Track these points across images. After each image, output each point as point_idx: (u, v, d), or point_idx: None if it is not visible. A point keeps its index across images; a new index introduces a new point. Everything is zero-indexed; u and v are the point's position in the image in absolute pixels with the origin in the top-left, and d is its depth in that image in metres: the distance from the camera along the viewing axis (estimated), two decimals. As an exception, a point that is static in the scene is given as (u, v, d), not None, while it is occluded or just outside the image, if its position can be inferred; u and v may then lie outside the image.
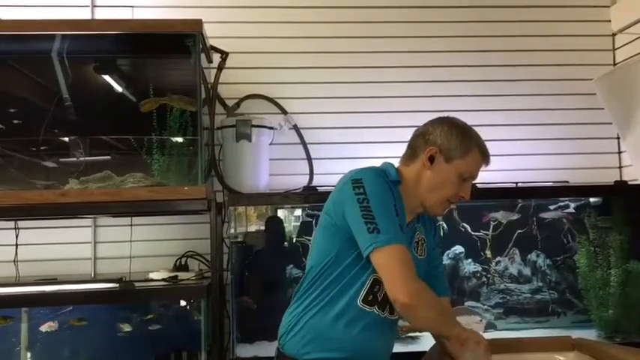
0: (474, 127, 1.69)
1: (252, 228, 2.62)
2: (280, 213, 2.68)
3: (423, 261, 1.68)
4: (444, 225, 2.66)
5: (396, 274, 1.45)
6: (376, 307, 1.57)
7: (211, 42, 2.60)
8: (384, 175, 1.60)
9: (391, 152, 2.77)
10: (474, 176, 1.66)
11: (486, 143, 1.66)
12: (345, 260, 1.56)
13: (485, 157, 1.65)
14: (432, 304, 1.49)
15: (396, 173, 1.64)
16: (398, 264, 1.45)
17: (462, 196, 1.64)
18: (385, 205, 1.50)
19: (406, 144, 2.76)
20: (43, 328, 2.42)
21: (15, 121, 2.55)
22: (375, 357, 1.63)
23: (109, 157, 2.50)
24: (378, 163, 2.69)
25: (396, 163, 1.73)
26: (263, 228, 2.62)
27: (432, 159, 1.62)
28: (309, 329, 1.58)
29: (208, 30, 2.49)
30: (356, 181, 1.54)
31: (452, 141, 1.62)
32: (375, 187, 1.53)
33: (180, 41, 2.34)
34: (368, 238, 1.47)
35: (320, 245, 1.62)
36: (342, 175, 1.65)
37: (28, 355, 2.47)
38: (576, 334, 2.11)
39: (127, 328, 2.44)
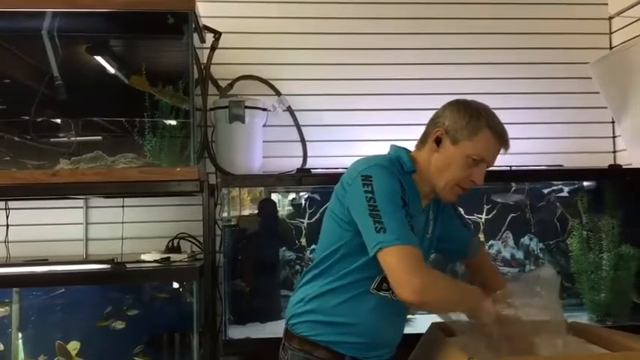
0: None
1: (245, 211, 2.61)
2: (274, 196, 2.68)
3: (428, 239, 1.69)
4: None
5: (400, 275, 1.41)
6: (390, 292, 1.56)
7: (204, 21, 2.57)
8: (397, 167, 1.57)
9: (385, 135, 2.80)
10: (487, 160, 1.60)
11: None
12: (355, 250, 1.54)
13: (499, 138, 1.58)
14: (441, 294, 1.45)
15: (410, 162, 1.61)
16: (402, 264, 1.41)
17: (474, 180, 1.59)
18: (393, 204, 1.46)
19: (400, 126, 2.79)
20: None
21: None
22: (386, 340, 1.64)
23: (100, 137, 2.47)
24: (371, 145, 2.76)
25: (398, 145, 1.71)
26: (254, 211, 2.61)
27: (438, 141, 1.59)
28: (320, 313, 1.59)
29: (202, 9, 2.46)
30: (366, 177, 1.51)
31: (458, 122, 1.58)
32: (384, 185, 1.49)
33: (172, 20, 2.31)
34: (374, 237, 1.44)
35: (330, 231, 1.61)
36: (355, 161, 1.62)
37: (20, 336, 2.46)
38: (568, 317, 2.12)
39: (120, 325, 2.44)
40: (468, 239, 1.80)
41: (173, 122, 2.40)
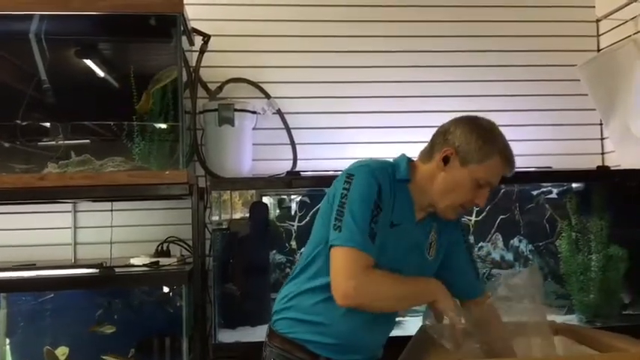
0: (458, 114, 1.65)
1: (236, 214, 2.60)
2: (265, 200, 2.67)
3: (432, 261, 1.65)
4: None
5: (337, 277, 1.45)
6: None
7: (193, 24, 2.56)
8: (388, 172, 1.56)
9: (376, 137, 2.80)
10: (493, 184, 1.58)
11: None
12: None
13: (508, 164, 1.57)
14: (377, 296, 1.47)
15: (407, 170, 1.59)
16: (342, 266, 1.45)
17: (477, 203, 1.57)
18: (361, 207, 1.47)
19: (391, 129, 2.80)
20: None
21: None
22: (362, 345, 1.62)
23: (88, 140, 2.46)
24: (362, 148, 2.75)
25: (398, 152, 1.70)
26: (245, 214, 2.60)
27: (446, 160, 1.56)
28: (298, 310, 1.60)
29: (190, 12, 2.45)
30: (349, 176, 1.53)
31: (471, 144, 1.54)
32: (360, 187, 1.50)
33: (161, 23, 2.30)
34: (331, 234, 1.48)
35: (318, 230, 1.62)
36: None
37: (7, 341, 2.44)
38: (557, 318, 2.13)
39: (109, 330, 2.42)
40: (469, 277, 1.73)
41: (162, 125, 2.38)
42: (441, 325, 1.56)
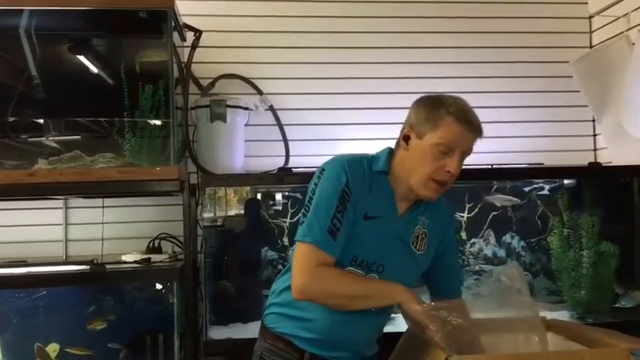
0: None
1: (229, 211, 2.59)
2: (259, 196, 2.66)
3: (421, 256, 1.65)
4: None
5: (294, 272, 1.51)
6: None
7: (185, 20, 2.54)
8: (365, 165, 1.58)
9: (367, 134, 2.79)
10: (457, 146, 1.53)
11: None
12: None
13: (462, 122, 1.52)
14: (327, 294, 1.50)
15: (386, 162, 1.61)
16: (299, 261, 1.50)
17: (448, 170, 1.52)
18: (325, 204, 1.51)
19: (382, 125, 2.79)
20: None
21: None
22: (346, 342, 1.62)
23: (79, 137, 2.44)
24: (353, 144, 2.75)
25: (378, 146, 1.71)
26: (238, 211, 2.59)
27: (407, 139, 1.58)
28: (284, 305, 1.63)
29: (182, 7, 2.44)
30: (322, 170, 1.58)
31: (420, 115, 1.56)
32: (327, 183, 1.54)
33: (151, 18, 2.29)
34: (298, 229, 1.54)
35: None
36: None
37: (-1, 338, 2.44)
38: (549, 315, 2.13)
39: (100, 326, 2.41)
40: (455, 279, 1.75)
41: (153, 122, 2.37)
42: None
